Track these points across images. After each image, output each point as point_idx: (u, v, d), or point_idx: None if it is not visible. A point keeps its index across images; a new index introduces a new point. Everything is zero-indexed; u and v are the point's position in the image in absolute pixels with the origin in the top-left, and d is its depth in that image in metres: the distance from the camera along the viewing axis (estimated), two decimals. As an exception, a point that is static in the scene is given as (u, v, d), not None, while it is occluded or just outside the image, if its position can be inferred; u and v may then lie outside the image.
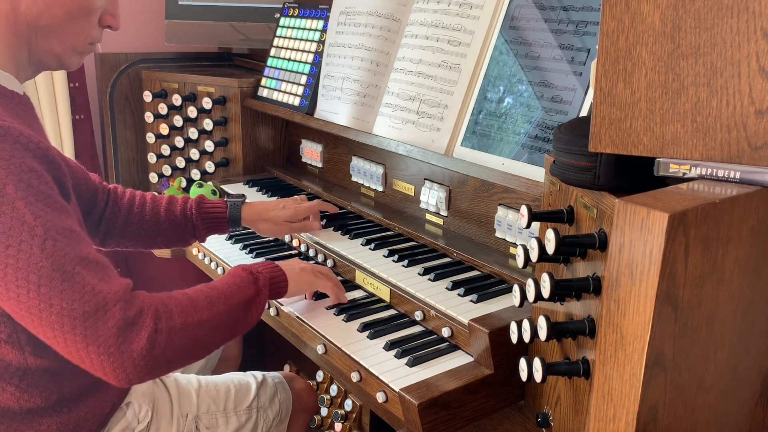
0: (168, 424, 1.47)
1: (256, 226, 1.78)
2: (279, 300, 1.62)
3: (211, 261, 1.93)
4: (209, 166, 2.39)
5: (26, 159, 1.09)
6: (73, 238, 1.11)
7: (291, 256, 1.86)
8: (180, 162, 2.44)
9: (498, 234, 1.60)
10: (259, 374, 1.70)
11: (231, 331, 1.31)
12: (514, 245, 1.58)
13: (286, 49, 2.29)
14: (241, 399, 1.60)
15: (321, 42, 2.16)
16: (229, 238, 1.99)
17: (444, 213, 1.77)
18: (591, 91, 1.37)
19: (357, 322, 1.49)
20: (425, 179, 1.81)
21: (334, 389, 1.90)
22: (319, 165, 2.25)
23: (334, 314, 1.54)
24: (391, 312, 1.56)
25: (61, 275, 1.07)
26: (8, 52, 1.24)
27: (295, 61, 2.25)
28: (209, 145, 2.37)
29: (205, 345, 1.26)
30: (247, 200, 1.80)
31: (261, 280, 1.37)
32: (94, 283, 1.09)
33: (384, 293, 1.59)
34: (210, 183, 2.28)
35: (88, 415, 1.32)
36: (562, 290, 1.02)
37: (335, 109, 2.03)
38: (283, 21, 2.34)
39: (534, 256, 1.07)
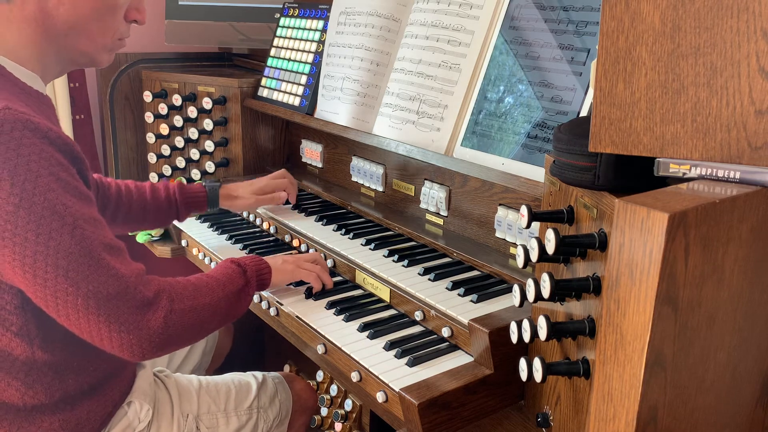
0: (168, 423, 1.47)
1: (232, 203, 1.92)
2: (279, 299, 1.62)
3: (211, 261, 1.93)
4: (209, 166, 2.39)
5: (54, 153, 1.15)
6: (97, 226, 1.19)
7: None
8: (180, 162, 2.44)
9: (498, 234, 1.60)
10: (259, 374, 1.70)
11: (226, 316, 1.40)
12: (514, 245, 1.58)
13: (286, 49, 2.29)
14: (241, 399, 1.61)
15: (321, 42, 2.17)
16: (230, 238, 1.99)
17: (444, 213, 1.77)
18: (591, 91, 1.37)
19: (357, 322, 1.49)
20: (425, 179, 1.81)
21: (334, 389, 1.90)
22: (319, 165, 2.25)
23: (334, 314, 1.54)
24: (391, 312, 1.55)
25: (88, 260, 1.14)
26: (36, 53, 1.27)
27: (295, 61, 2.25)
28: (209, 145, 2.37)
29: (206, 326, 1.35)
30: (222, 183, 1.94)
31: (249, 272, 1.47)
32: (117, 267, 1.18)
33: (384, 293, 1.59)
34: (210, 183, 2.28)
35: (90, 414, 1.33)
36: (562, 290, 1.02)
37: (335, 109, 2.03)
38: (283, 21, 2.34)
39: (534, 256, 1.07)
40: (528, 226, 1.10)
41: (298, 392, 1.75)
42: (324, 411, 1.92)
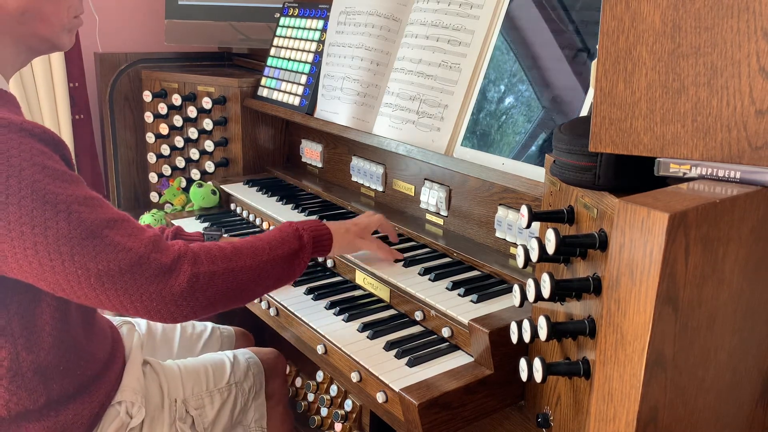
0: (160, 413, 1.47)
1: None
2: (279, 299, 1.62)
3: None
4: (209, 166, 2.39)
5: (35, 143, 1.13)
6: (93, 205, 1.16)
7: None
8: (180, 162, 2.44)
9: (498, 234, 1.60)
10: (230, 353, 1.71)
11: (274, 280, 1.37)
12: (515, 245, 1.58)
13: (286, 48, 2.29)
14: (219, 377, 1.62)
15: (321, 42, 2.16)
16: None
17: (444, 213, 1.77)
18: (591, 91, 1.37)
19: (357, 322, 1.49)
20: (425, 179, 1.81)
21: (334, 389, 1.89)
22: (319, 165, 2.25)
23: (334, 314, 1.54)
24: (391, 312, 1.55)
25: (91, 241, 1.12)
26: None
27: (295, 60, 2.25)
28: (209, 145, 2.37)
29: (247, 290, 1.31)
30: (224, 234, 1.77)
31: (305, 236, 1.43)
32: (123, 241, 1.15)
33: (384, 293, 1.59)
34: (210, 183, 2.28)
35: (76, 417, 1.31)
36: (563, 290, 1.02)
37: (335, 108, 2.03)
38: (283, 21, 2.34)
39: (534, 256, 1.07)
40: (528, 226, 1.10)
41: (265, 361, 1.76)
42: (324, 411, 1.91)
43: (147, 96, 2.47)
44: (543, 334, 1.05)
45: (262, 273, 1.32)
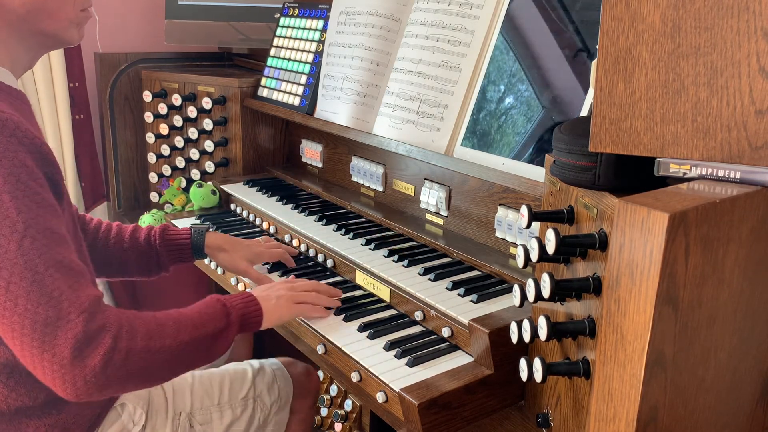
0: (162, 424, 1.46)
1: (218, 254, 1.70)
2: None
3: (210, 261, 1.93)
4: (209, 166, 2.39)
5: (19, 153, 1.08)
6: (53, 239, 1.08)
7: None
8: (180, 162, 2.44)
9: (498, 234, 1.60)
10: (256, 362, 1.67)
11: (190, 362, 1.28)
12: (515, 245, 1.58)
13: (286, 48, 2.29)
14: (236, 390, 1.58)
15: (321, 42, 2.16)
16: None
17: (444, 213, 1.77)
18: (591, 91, 1.37)
19: (357, 322, 1.49)
20: (425, 179, 1.81)
21: (334, 389, 1.90)
22: (319, 165, 2.25)
23: (334, 314, 1.54)
24: (391, 312, 1.55)
25: (32, 275, 1.04)
26: (2, 47, 1.22)
27: (295, 60, 2.25)
28: (209, 145, 2.37)
29: (161, 372, 1.22)
30: (212, 229, 1.73)
31: (233, 314, 1.34)
32: (62, 289, 1.07)
33: (384, 293, 1.59)
34: (210, 183, 2.28)
35: (78, 417, 1.31)
36: (563, 290, 1.02)
37: (335, 108, 2.03)
38: (283, 21, 2.34)
39: (534, 256, 1.07)
40: (528, 226, 1.10)
41: (296, 377, 1.71)
42: (324, 411, 1.92)
43: (147, 96, 2.47)
44: (543, 334, 1.05)
45: (181, 354, 1.22)
